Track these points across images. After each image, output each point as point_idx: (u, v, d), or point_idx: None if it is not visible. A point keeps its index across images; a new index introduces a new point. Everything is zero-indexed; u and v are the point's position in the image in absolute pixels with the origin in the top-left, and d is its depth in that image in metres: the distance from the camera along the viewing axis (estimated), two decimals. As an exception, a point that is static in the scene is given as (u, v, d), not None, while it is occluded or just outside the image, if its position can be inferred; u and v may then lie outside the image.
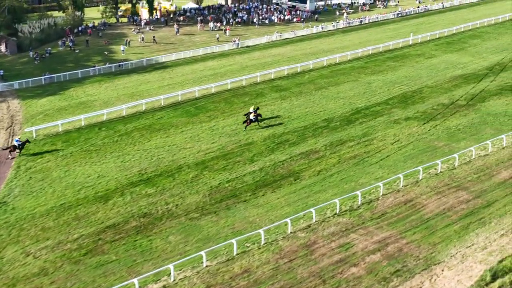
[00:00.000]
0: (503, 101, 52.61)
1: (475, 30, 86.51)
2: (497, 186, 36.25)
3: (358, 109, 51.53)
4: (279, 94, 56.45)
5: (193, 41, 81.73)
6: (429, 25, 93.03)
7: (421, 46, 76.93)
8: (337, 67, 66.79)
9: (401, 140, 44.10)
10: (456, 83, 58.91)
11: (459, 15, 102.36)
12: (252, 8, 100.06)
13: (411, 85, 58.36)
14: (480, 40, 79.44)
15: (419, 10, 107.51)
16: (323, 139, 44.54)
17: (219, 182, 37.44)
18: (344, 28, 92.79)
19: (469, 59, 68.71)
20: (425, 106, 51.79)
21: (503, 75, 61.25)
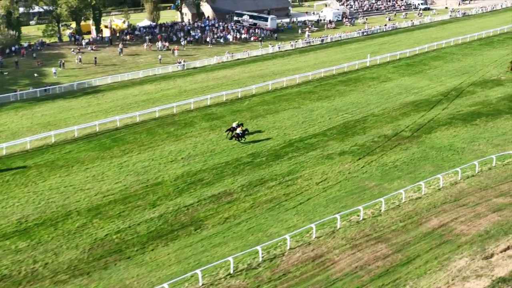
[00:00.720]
0: (451, 132, 49.24)
1: (439, 51, 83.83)
2: (422, 237, 32.54)
3: (291, 142, 47.87)
4: (210, 123, 52.70)
5: (137, 62, 78.09)
6: (393, 44, 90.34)
7: (379, 68, 73.87)
8: (282, 92, 63.33)
9: (328, 180, 40.38)
10: (405, 111, 55.58)
11: (427, 33, 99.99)
12: (207, 26, 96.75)
13: (356, 113, 54.93)
14: (442, 62, 76.60)
15: (387, 28, 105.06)
16: (242, 178, 40.69)
17: (107, 233, 33.35)
18: (302, 47, 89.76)
19: (426, 83, 65.62)
20: (365, 138, 48.24)
21: (457, 101, 58.07)
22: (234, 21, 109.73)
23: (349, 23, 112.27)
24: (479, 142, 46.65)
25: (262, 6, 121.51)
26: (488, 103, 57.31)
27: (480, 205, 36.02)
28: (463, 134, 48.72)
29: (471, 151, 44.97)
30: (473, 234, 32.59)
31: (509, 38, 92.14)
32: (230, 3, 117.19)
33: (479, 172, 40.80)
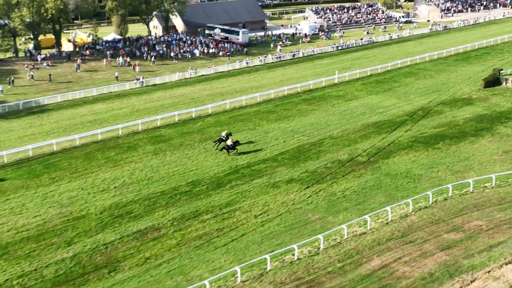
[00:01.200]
0: (411, 157, 46.65)
1: (413, 67, 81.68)
2: (360, 281, 29.71)
3: (238, 168, 45.08)
4: (155, 147, 49.87)
5: (94, 78, 75.43)
6: (366, 60, 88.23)
7: (346, 86, 71.53)
8: (240, 112, 60.73)
9: (269, 212, 37.57)
10: (366, 132, 53.01)
11: (404, 48, 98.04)
12: (174, 40, 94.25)
13: (313, 136, 52.31)
14: (414, 79, 74.36)
15: (363, 43, 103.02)
16: (176, 210, 37.80)
17: (8, 277, 30.30)
18: (272, 63, 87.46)
19: (393, 102, 63.24)
20: (317, 164, 45.55)
21: (423, 122, 55.60)
22: (206, 34, 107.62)
23: (325, 36, 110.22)
24: (438, 169, 44.06)
25: (236, 19, 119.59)
26: (454, 124, 54.89)
27: (428, 241, 33.29)
28: (422, 159, 46.15)
29: (428, 178, 42.35)
30: (416, 277, 29.81)
31: (486, 53, 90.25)
32: (203, 16, 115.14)
33: (433, 203, 38.13)
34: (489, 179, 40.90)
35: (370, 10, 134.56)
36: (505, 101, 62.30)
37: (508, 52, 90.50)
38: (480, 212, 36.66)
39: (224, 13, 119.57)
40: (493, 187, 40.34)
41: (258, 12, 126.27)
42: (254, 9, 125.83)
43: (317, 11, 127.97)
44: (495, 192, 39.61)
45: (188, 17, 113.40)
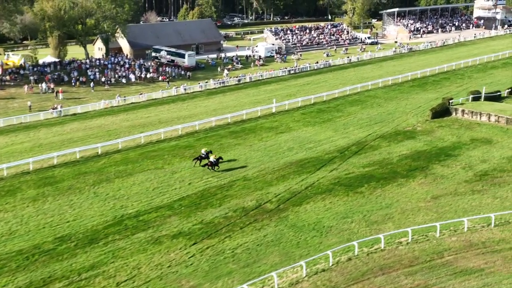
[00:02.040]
0: (326, 203, 41.77)
1: (362, 94, 77.46)
2: None
3: (123, 218, 39.89)
4: (38, 191, 44.55)
5: (8, 107, 70.41)
6: (315, 85, 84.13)
7: (284, 116, 66.99)
8: (155, 147, 55.75)
9: (137, 277, 32.31)
10: (285, 173, 48.17)
11: (361, 72, 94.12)
12: (110, 63, 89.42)
13: (225, 176, 47.34)
14: (360, 108, 70.00)
15: (318, 66, 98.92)
16: (24, 277, 32.38)
17: None
18: (214, 88, 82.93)
19: (327, 136, 58.63)
20: (217, 212, 40.50)
21: (353, 160, 50.90)
22: (152, 57, 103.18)
23: (280, 59, 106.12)
24: (353, 219, 39.19)
25: (189, 41, 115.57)
26: (387, 162, 50.25)
27: (312, 319, 28.19)
28: (339, 206, 41.29)
29: (338, 231, 37.44)
30: None
31: (445, 78, 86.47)
32: (152, 37, 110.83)
33: (334, 264, 33.11)
34: (406, 233, 36.04)
35: (334, 31, 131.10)
36: (451, 134, 57.94)
37: (469, 77, 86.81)
38: (385, 277, 31.72)
39: (176, 34, 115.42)
40: (408, 243, 35.50)
41: (213, 33, 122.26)
42: (209, 30, 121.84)
43: (276, 32, 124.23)
44: (409, 249, 34.74)
45: (135, 38, 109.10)
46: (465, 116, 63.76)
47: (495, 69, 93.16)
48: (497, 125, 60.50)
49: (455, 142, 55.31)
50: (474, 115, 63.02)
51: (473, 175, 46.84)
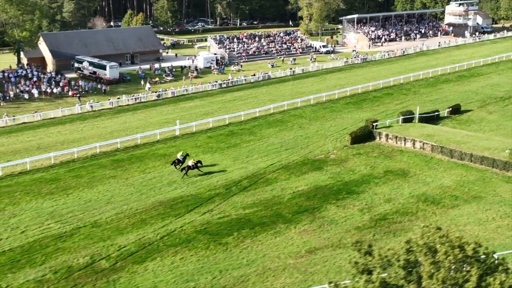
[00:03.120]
0: (175, 260, 35.10)
1: (287, 113, 71.27)
2: None
3: None
4: None
5: None
6: (242, 102, 78.28)
7: (187, 140, 60.70)
8: (13, 180, 48.97)
9: None
10: (147, 216, 41.48)
11: (298, 86, 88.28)
12: (14, 76, 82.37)
13: (72, 221, 40.71)
14: (278, 130, 63.68)
15: (256, 79, 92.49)
16: None
17: None
18: (125, 106, 76.24)
19: (224, 165, 52.15)
20: (34, 273, 33.73)
21: (236, 198, 44.33)
22: (75, 68, 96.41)
23: (217, 71, 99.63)
24: (199, 282, 32.67)
25: (123, 49, 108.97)
26: (275, 201, 43.71)
27: None
28: (190, 264, 34.71)
29: (167, 302, 30.64)
30: None
31: (388, 94, 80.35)
32: (79, 45, 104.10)
33: None
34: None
35: (286, 39, 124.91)
36: (365, 164, 51.55)
37: (414, 93, 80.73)
38: None
39: (108, 43, 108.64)
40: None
41: (152, 41, 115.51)
42: (147, 38, 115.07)
43: (221, 40, 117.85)
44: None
45: (59, 47, 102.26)
46: (389, 142, 57.50)
47: (447, 83, 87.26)
48: (421, 152, 54.27)
49: (366, 175, 48.91)
50: (398, 140, 56.77)
51: (369, 219, 40.42)
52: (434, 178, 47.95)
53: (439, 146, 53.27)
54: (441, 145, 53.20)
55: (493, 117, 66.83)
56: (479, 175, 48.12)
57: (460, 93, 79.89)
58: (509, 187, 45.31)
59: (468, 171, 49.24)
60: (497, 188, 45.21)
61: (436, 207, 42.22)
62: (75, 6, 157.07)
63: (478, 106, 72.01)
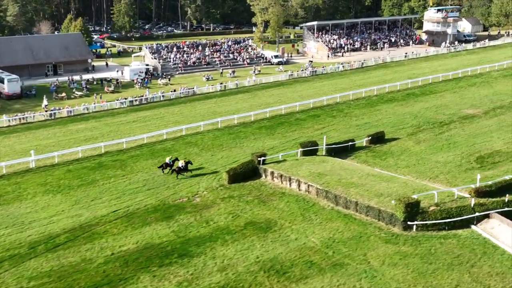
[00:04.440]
0: None
1: (183, 139, 63.72)
2: None
3: None
4: None
5: None
6: (141, 124, 71.07)
7: (39, 174, 52.42)
8: None
9: None
10: None
11: (221, 104, 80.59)
12: None
13: None
14: (156, 162, 55.44)
15: (178, 95, 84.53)
16: None
17: None
18: (7, 127, 68.36)
19: (56, 211, 44.23)
20: None
21: (32, 264, 36.20)
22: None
23: (140, 85, 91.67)
24: None
25: (43, 59, 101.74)
26: (78, 269, 35.49)
27: None
28: None
29: None
30: None
31: (313, 116, 72.34)
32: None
33: None
34: None
35: (235, 48, 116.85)
36: (230, 212, 43.44)
37: (345, 115, 72.66)
38: None
39: (26, 52, 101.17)
40: None
41: (79, 50, 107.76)
42: (75, 46, 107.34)
43: (157, 49, 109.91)
44: None
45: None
46: (275, 181, 49.24)
47: (389, 103, 79.02)
48: (305, 196, 46.03)
49: (220, 229, 40.71)
50: (284, 180, 48.53)
51: (180, 299, 32.07)
52: (301, 234, 39.60)
53: (324, 190, 44.95)
54: (327, 189, 44.88)
55: (418, 148, 58.53)
56: (358, 231, 39.77)
57: (398, 116, 71.67)
58: (386, 249, 36.96)
59: (347, 225, 40.91)
60: (370, 251, 36.85)
61: (279, 279, 33.88)
62: (20, 10, 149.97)
63: (408, 133, 63.79)
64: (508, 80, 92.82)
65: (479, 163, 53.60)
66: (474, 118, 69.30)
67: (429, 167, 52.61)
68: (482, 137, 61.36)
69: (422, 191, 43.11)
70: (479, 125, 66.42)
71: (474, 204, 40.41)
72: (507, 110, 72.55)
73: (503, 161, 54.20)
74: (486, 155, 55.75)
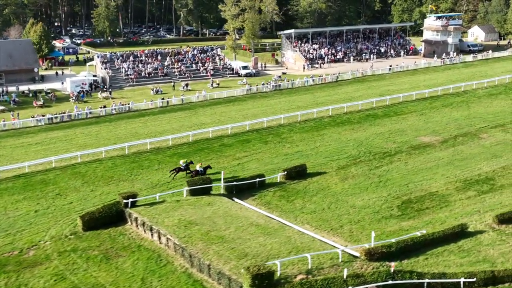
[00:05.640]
0: None
1: (70, 169, 56.33)
2: None
3: None
4: None
5: None
6: (45, 147, 64.46)
7: None
8: None
9: None
10: None
11: (147, 125, 73.96)
12: None
13: None
14: (21, 198, 48.52)
15: (110, 111, 77.92)
16: None
17: None
18: None
19: None
20: None
21: None
22: None
23: (75, 98, 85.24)
24: None
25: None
26: None
27: None
28: None
29: None
30: None
31: (242, 141, 64.87)
32: None
33: None
34: None
35: (200, 58, 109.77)
36: (52, 275, 36.05)
37: (281, 140, 65.06)
38: None
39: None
40: None
41: (26, 58, 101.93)
42: (21, 54, 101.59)
43: (111, 58, 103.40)
44: None
45: None
46: (139, 229, 41.86)
47: (340, 126, 71.17)
48: (163, 252, 38.72)
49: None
50: (146, 229, 41.05)
51: None
52: (123, 310, 32.06)
53: (181, 246, 37.42)
54: (184, 245, 37.37)
55: (341, 186, 50.71)
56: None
57: (340, 143, 63.73)
58: None
59: (189, 298, 33.28)
60: None
61: None
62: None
63: (340, 166, 55.86)
64: (491, 100, 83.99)
65: (401, 210, 45.61)
66: (426, 149, 60.96)
67: (339, 214, 44.82)
68: (423, 174, 53.13)
69: (303, 251, 35.53)
70: (428, 157, 58.13)
71: (347, 276, 32.40)
72: (470, 139, 63.96)
73: (432, 207, 46.09)
74: (416, 199, 47.71)
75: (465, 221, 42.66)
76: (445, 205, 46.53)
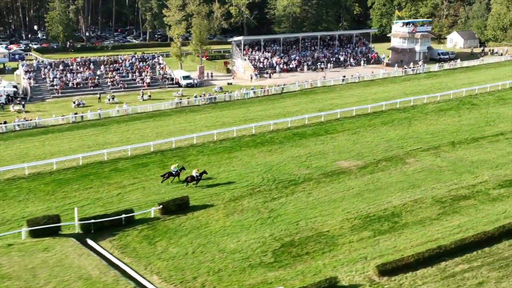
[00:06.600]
0: None
1: None
2: None
3: None
4: None
5: None
6: None
7: None
8: None
9: None
10: None
11: (47, 143, 67.04)
12: None
13: None
14: None
15: (11, 127, 71.73)
16: None
17: None
18: None
19: None
20: None
21: None
22: None
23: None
24: None
25: None
26: None
27: None
28: None
29: None
30: None
31: (139, 165, 58.83)
32: None
33: None
34: None
35: (139, 67, 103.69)
36: None
37: (200, 166, 58.51)
38: None
39: None
40: None
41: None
42: None
43: (38, 67, 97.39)
44: None
45: None
46: None
47: (258, 147, 65.35)
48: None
49: None
50: (-47, 282, 34.75)
51: None
52: None
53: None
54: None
55: (223, 223, 45.23)
56: None
57: (247, 168, 58.07)
58: None
59: None
60: None
61: None
62: None
63: (233, 197, 50.21)
64: (438, 116, 78.08)
65: (276, 256, 39.80)
66: (340, 176, 55.04)
67: (201, 261, 39.07)
68: (322, 208, 47.40)
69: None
70: (337, 187, 52.28)
71: None
72: (393, 164, 58.10)
73: (313, 252, 40.35)
74: (299, 241, 41.93)
75: (346, 270, 37.07)
76: (329, 249, 40.60)
